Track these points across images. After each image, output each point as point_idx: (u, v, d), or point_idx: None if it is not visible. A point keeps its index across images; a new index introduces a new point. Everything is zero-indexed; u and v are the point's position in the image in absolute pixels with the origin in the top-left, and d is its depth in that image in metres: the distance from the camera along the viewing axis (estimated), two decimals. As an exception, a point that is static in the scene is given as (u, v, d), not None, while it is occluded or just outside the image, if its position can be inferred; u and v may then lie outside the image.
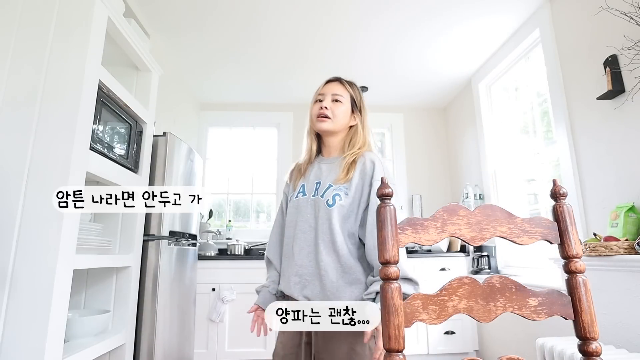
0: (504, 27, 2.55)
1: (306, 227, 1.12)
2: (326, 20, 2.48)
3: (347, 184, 1.11)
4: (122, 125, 1.66)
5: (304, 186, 1.18)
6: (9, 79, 1.29)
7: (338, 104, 1.20)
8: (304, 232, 1.12)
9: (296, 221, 1.15)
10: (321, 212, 1.10)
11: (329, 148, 1.23)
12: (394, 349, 0.67)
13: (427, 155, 3.85)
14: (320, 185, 1.14)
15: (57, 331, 1.18)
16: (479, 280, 0.75)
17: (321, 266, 1.07)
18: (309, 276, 1.09)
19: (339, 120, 1.19)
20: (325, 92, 1.22)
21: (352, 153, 1.16)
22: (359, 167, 1.13)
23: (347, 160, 1.14)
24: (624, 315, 1.51)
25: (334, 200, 1.10)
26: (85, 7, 1.37)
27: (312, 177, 1.18)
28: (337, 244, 1.08)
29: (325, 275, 1.06)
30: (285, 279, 1.14)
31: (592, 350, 0.72)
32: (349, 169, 1.12)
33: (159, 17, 2.41)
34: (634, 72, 1.64)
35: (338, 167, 1.15)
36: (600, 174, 1.86)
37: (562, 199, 0.81)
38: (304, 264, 1.10)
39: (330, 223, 1.08)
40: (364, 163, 1.14)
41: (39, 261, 1.17)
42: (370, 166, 1.13)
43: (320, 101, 1.21)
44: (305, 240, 1.11)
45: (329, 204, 1.09)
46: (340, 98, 1.21)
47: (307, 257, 1.10)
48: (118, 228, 1.74)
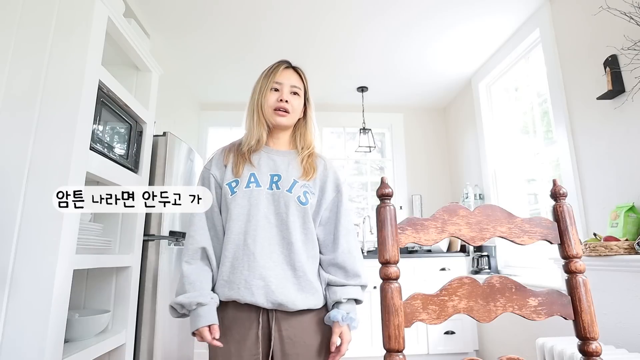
0: (504, 27, 2.55)
1: (266, 223, 1.01)
2: (326, 20, 2.48)
3: (311, 182, 1.08)
4: (122, 125, 1.66)
5: (254, 176, 1.06)
6: (9, 79, 1.29)
7: (296, 97, 1.13)
8: (263, 229, 1.00)
9: (250, 215, 1.01)
10: (292, 209, 1.01)
11: (278, 140, 1.15)
12: (394, 349, 0.67)
13: (427, 155, 3.85)
14: (282, 179, 1.05)
15: (57, 331, 1.18)
16: (479, 280, 0.75)
17: (297, 267, 0.99)
18: (277, 279, 0.97)
19: (296, 115, 1.14)
20: (284, 82, 1.12)
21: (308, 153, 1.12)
22: (319, 170, 1.11)
23: (307, 160, 1.10)
24: (624, 315, 1.51)
25: (307, 197, 1.04)
26: (86, 7, 1.37)
27: (265, 167, 1.08)
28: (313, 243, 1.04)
29: (304, 277, 1.00)
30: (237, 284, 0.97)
31: (592, 350, 0.72)
32: (309, 169, 1.09)
33: (159, 17, 2.41)
34: (634, 72, 1.64)
35: (295, 163, 1.10)
36: (600, 174, 1.86)
37: (562, 199, 0.81)
38: (269, 265, 0.98)
39: (305, 221, 1.03)
40: (325, 167, 1.13)
41: (39, 261, 1.17)
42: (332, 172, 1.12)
43: (277, 90, 1.11)
44: (267, 238, 1.00)
45: (302, 202, 1.03)
46: (298, 91, 1.14)
47: (271, 257, 0.99)
48: (118, 228, 1.73)
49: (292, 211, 1.02)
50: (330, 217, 1.09)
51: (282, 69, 1.14)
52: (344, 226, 1.08)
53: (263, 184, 1.04)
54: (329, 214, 1.10)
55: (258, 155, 1.11)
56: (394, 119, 3.89)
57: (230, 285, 0.98)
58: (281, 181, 1.05)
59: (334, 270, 1.04)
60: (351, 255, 1.05)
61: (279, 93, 1.11)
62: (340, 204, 1.10)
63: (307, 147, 1.13)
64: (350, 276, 1.03)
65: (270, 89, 1.12)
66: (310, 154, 1.13)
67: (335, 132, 4.00)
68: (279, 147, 1.15)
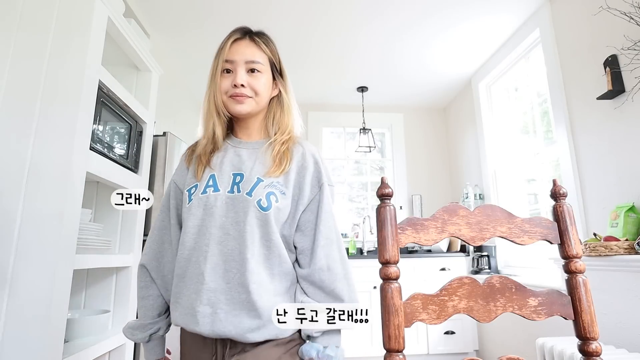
0: (504, 27, 2.55)
1: (222, 235, 0.81)
2: (326, 19, 2.48)
3: (282, 178, 0.85)
4: (122, 125, 1.66)
5: (213, 177, 0.86)
6: (9, 79, 1.29)
7: (257, 75, 0.88)
8: (219, 243, 0.80)
9: (204, 227, 0.82)
10: (250, 216, 0.80)
11: (247, 130, 0.93)
12: (394, 349, 0.67)
13: (427, 155, 3.85)
14: (244, 179, 0.84)
15: (57, 331, 1.18)
16: (479, 280, 0.75)
17: (252, 289, 0.77)
18: (229, 304, 0.77)
19: (262, 99, 0.90)
20: (236, 59, 0.87)
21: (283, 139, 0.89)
22: (296, 160, 0.88)
23: (278, 149, 0.87)
24: (624, 315, 1.51)
25: (269, 201, 0.81)
26: (86, 7, 1.37)
27: (227, 166, 0.88)
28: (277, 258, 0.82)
29: (260, 301, 0.78)
30: (182, 308, 0.81)
31: (592, 350, 0.72)
32: (282, 159, 0.86)
33: (159, 17, 2.41)
34: (634, 72, 1.64)
35: (264, 155, 0.88)
36: (600, 174, 1.86)
37: (562, 199, 0.81)
38: (220, 287, 0.78)
39: (267, 232, 0.81)
40: (303, 156, 0.89)
41: (39, 261, 1.17)
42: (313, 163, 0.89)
43: (229, 72, 0.88)
44: (223, 254, 0.80)
45: (263, 207, 0.80)
46: (260, 67, 0.88)
47: (224, 278, 0.79)
48: (118, 228, 1.73)
49: (250, 219, 0.80)
50: (309, 220, 0.86)
51: (231, 43, 0.89)
52: (323, 234, 0.84)
53: (223, 187, 0.84)
54: (309, 215, 0.86)
55: (223, 152, 0.91)
56: (394, 119, 3.89)
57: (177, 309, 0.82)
58: (243, 182, 0.84)
59: (310, 290, 0.83)
60: (331, 273, 0.82)
61: (232, 75, 0.88)
62: (321, 205, 0.86)
63: (282, 132, 0.91)
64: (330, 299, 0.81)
65: (221, 71, 0.89)
66: (285, 141, 0.89)
67: (335, 132, 4.00)
68: (251, 138, 0.93)
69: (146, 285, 0.91)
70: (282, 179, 0.85)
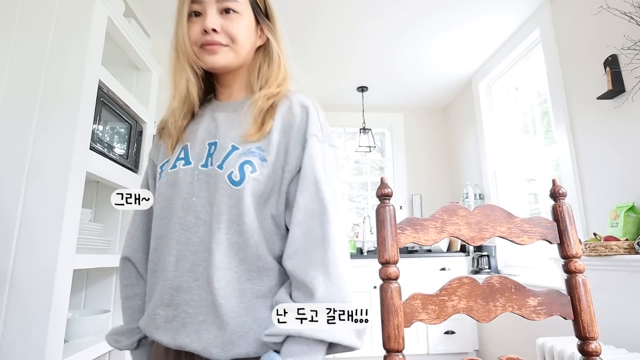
0: (504, 27, 2.55)
1: (191, 219, 0.64)
2: (325, 19, 2.48)
3: (263, 142, 0.66)
4: (122, 125, 1.67)
5: (186, 149, 0.70)
6: (9, 79, 1.29)
7: (233, 16, 0.69)
8: (187, 229, 0.64)
9: (170, 209, 0.67)
10: (219, 195, 0.62)
11: (229, 88, 0.76)
12: (394, 349, 0.67)
13: (427, 155, 3.85)
14: (217, 148, 0.67)
15: (57, 331, 1.18)
16: (478, 280, 0.75)
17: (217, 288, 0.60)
18: (196, 308, 0.61)
19: (241, 47, 0.70)
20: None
21: (269, 94, 0.69)
22: (280, 115, 0.68)
23: (261, 106, 0.68)
24: (624, 315, 1.51)
25: (242, 172, 0.62)
26: (85, 6, 1.37)
27: (202, 133, 0.71)
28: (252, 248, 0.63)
29: (226, 304, 0.60)
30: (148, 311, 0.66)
31: (592, 350, 0.72)
32: (265, 119, 0.67)
33: (159, 17, 2.41)
34: (634, 72, 1.64)
35: (244, 118, 0.68)
36: (600, 174, 1.86)
37: (561, 199, 0.81)
38: (187, 285, 0.62)
39: (239, 213, 0.62)
40: (290, 108, 0.68)
41: (39, 261, 1.17)
42: (301, 113, 0.68)
43: (198, 15, 0.69)
44: (191, 244, 0.63)
45: (234, 181, 0.62)
46: (235, 5, 0.69)
47: (191, 273, 0.62)
48: (118, 228, 1.74)
49: (220, 198, 0.62)
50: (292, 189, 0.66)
51: None
52: (301, 206, 0.62)
53: (195, 160, 0.68)
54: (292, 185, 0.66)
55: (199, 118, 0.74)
56: (394, 118, 3.89)
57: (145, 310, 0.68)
58: (216, 152, 0.67)
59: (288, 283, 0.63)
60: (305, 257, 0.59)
61: (201, 19, 0.69)
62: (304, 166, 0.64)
63: (269, 86, 0.71)
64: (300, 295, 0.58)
65: (188, 15, 0.70)
66: (272, 95, 0.70)
67: (335, 132, 4.00)
68: (232, 98, 0.76)
69: (131, 282, 0.75)
70: (263, 143, 0.66)
